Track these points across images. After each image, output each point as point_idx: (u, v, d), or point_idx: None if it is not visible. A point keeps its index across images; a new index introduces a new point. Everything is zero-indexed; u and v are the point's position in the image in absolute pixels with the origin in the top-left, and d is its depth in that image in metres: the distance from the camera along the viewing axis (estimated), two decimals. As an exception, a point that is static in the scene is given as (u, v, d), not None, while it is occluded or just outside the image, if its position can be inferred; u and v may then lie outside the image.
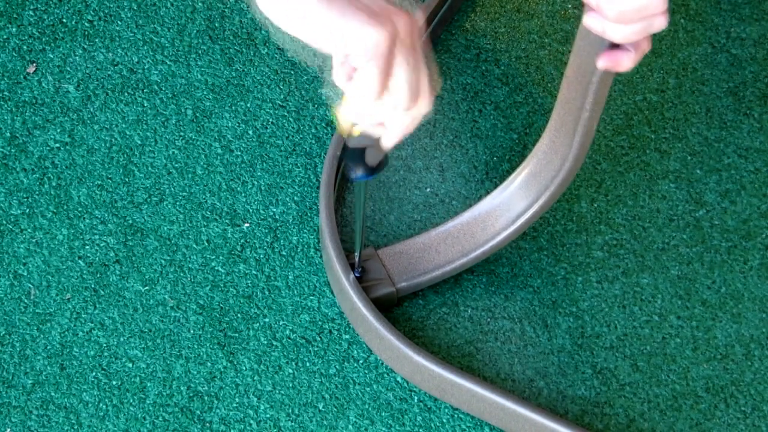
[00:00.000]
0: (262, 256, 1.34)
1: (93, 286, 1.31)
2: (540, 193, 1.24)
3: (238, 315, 1.30)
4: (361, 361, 1.28)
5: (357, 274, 1.26)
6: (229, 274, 1.33)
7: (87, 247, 1.33)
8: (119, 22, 1.48)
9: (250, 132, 1.42)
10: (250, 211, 1.37)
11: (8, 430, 1.23)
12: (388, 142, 0.97)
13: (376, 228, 1.36)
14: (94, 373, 1.26)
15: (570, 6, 1.53)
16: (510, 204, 1.28)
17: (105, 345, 1.28)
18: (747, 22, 1.52)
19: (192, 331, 1.29)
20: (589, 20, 0.96)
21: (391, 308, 1.31)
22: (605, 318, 1.33)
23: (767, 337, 1.32)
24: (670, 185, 1.41)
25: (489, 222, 1.29)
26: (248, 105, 1.43)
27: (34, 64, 1.44)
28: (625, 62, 0.99)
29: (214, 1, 1.50)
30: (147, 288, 1.31)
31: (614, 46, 1.00)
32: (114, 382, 1.26)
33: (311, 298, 1.32)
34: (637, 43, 0.98)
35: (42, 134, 1.40)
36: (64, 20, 1.48)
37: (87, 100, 1.42)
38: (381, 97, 0.89)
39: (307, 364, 1.28)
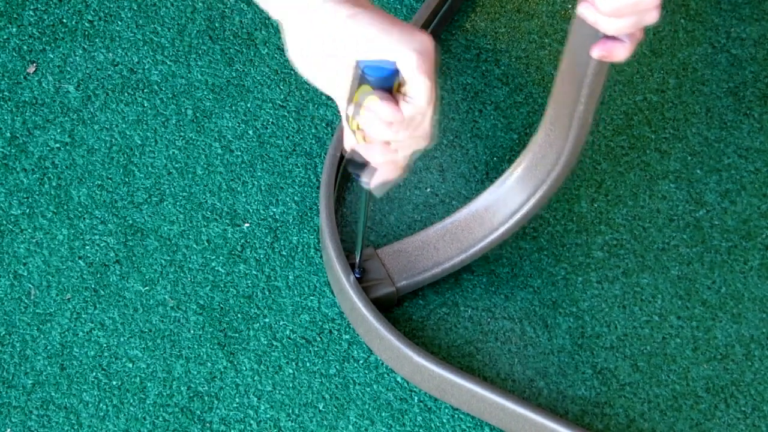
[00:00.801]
0: (262, 256, 1.34)
1: (93, 286, 1.31)
2: (537, 187, 1.24)
3: (238, 315, 1.30)
4: (361, 361, 1.28)
5: (357, 275, 1.26)
6: (229, 274, 1.33)
7: (87, 247, 1.33)
8: (119, 22, 1.48)
9: (250, 132, 1.42)
10: (250, 211, 1.37)
11: (8, 430, 1.23)
12: (379, 178, 0.97)
13: (376, 228, 1.36)
14: (94, 373, 1.26)
15: (570, 6, 1.53)
16: (507, 199, 1.27)
17: (105, 345, 1.28)
18: (747, 22, 1.52)
19: (192, 331, 1.29)
20: (582, 10, 0.96)
21: (391, 308, 1.31)
22: (605, 318, 1.33)
23: (767, 337, 1.32)
24: (670, 185, 1.41)
25: (487, 218, 1.29)
26: (248, 105, 1.43)
27: (34, 64, 1.44)
28: (619, 52, 1.00)
29: (214, 1, 1.50)
30: (147, 288, 1.31)
31: (608, 36, 1.00)
32: (114, 382, 1.26)
33: (311, 298, 1.32)
34: (631, 33, 0.98)
35: (42, 134, 1.40)
36: (64, 20, 1.47)
37: (87, 100, 1.42)
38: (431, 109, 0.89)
39: (307, 364, 1.28)
